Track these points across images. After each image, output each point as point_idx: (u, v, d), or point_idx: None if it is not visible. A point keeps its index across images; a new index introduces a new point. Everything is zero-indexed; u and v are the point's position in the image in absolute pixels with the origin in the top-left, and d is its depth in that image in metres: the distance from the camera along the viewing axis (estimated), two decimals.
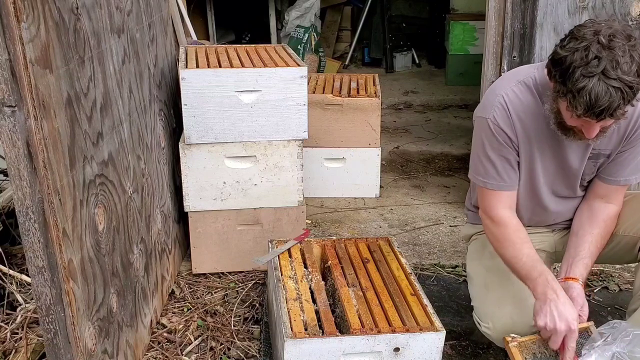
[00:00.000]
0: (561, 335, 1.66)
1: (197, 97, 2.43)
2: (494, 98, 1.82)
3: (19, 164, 1.39)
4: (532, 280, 1.74)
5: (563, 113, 1.64)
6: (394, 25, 6.27)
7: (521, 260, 1.78)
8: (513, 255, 1.81)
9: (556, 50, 1.59)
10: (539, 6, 2.82)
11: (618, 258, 2.02)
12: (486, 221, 1.90)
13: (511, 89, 1.81)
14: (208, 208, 2.61)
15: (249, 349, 2.23)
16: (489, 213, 1.88)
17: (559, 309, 1.66)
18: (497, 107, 1.80)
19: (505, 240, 1.84)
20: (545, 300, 1.68)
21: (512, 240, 1.82)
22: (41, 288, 1.49)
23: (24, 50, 1.32)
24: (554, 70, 1.59)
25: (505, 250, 1.83)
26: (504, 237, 1.84)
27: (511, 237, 1.83)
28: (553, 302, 1.67)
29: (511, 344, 1.72)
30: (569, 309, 1.67)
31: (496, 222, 1.86)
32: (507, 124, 1.80)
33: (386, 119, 4.83)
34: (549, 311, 1.66)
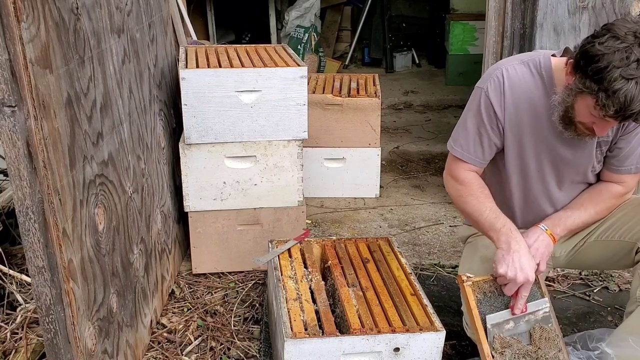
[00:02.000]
0: (518, 284, 1.75)
1: (197, 97, 2.43)
2: (493, 70, 1.83)
3: (19, 164, 1.39)
4: (495, 231, 1.79)
5: (579, 108, 1.63)
6: (394, 25, 6.27)
7: (485, 213, 1.83)
8: (476, 209, 1.85)
9: (592, 45, 1.54)
10: (539, 6, 2.82)
11: (615, 263, 2.02)
12: (450, 181, 1.95)
13: (513, 66, 1.81)
14: (208, 208, 2.61)
15: (249, 349, 2.23)
16: (452, 174, 1.93)
17: (521, 260, 1.74)
18: (494, 79, 1.81)
19: (469, 196, 1.88)
20: (508, 250, 1.75)
21: (475, 195, 1.87)
22: (41, 288, 1.49)
23: (24, 50, 1.32)
24: (585, 64, 1.56)
25: (468, 204, 1.88)
26: (467, 192, 1.88)
27: (474, 192, 1.87)
28: (516, 253, 1.74)
29: (466, 283, 1.81)
30: (529, 261, 1.75)
31: (459, 181, 1.91)
32: (497, 98, 1.80)
33: (386, 119, 4.83)
34: (511, 261, 1.74)
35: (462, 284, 1.82)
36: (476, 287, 1.82)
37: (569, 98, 1.65)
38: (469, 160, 1.89)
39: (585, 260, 2.05)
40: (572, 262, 2.08)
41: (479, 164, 1.90)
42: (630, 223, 1.92)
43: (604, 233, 1.96)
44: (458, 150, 1.90)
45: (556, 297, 2.55)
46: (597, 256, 2.01)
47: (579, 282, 2.66)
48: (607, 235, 1.96)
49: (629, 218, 1.93)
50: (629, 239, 1.91)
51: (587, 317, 2.43)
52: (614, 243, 1.95)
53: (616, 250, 1.95)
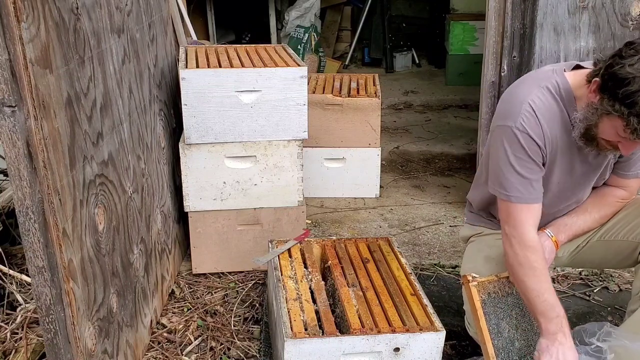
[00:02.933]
0: None
1: (197, 97, 2.43)
2: (519, 105, 1.72)
3: (19, 164, 1.39)
4: (547, 319, 1.72)
5: (604, 127, 1.61)
6: (394, 25, 6.27)
7: (543, 296, 1.73)
8: (536, 288, 1.74)
9: (621, 67, 1.52)
10: (539, 6, 2.82)
11: (617, 263, 2.03)
12: (511, 241, 1.78)
13: (537, 95, 1.72)
14: (208, 208, 2.61)
15: (249, 349, 2.23)
16: (516, 232, 1.76)
17: (565, 354, 1.70)
18: (526, 114, 1.70)
19: (531, 269, 1.74)
20: (554, 341, 1.71)
21: (539, 270, 1.75)
22: (41, 288, 1.49)
23: (24, 50, 1.32)
24: (614, 86, 1.53)
25: (529, 280, 1.75)
26: (529, 264, 1.75)
27: (538, 266, 1.75)
28: (561, 346, 1.70)
29: (471, 284, 1.79)
30: (573, 355, 1.71)
31: (524, 244, 1.75)
32: (537, 133, 1.71)
33: (386, 119, 4.83)
34: (555, 353, 1.70)
35: (467, 284, 1.81)
36: (481, 287, 1.82)
37: (593, 117, 1.62)
38: (532, 202, 1.76)
39: (588, 259, 2.06)
40: (575, 261, 2.09)
41: (541, 200, 1.79)
42: (633, 223, 1.92)
43: (607, 233, 1.97)
44: (519, 196, 1.75)
45: None
46: (600, 255, 2.01)
47: (579, 282, 2.66)
48: (609, 235, 1.96)
49: (632, 218, 1.93)
50: (632, 238, 1.92)
51: (587, 317, 2.43)
52: (617, 243, 1.95)
53: (619, 249, 1.96)
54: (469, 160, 4.03)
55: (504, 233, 1.82)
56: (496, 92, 2.99)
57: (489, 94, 3.01)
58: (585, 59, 2.88)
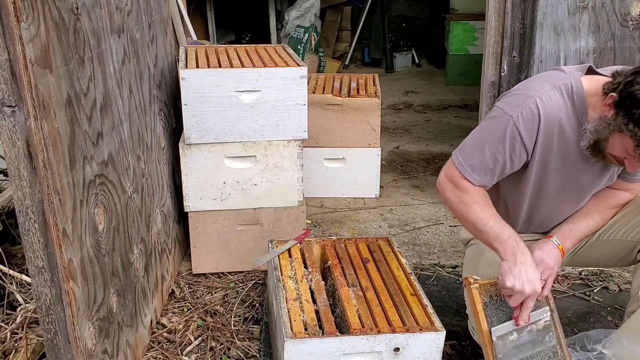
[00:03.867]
0: (524, 296, 1.73)
1: (197, 97, 2.43)
2: (524, 98, 1.72)
3: (19, 164, 1.39)
4: (501, 242, 1.76)
5: (614, 143, 1.61)
6: (394, 25, 6.27)
7: (489, 222, 1.78)
8: (480, 217, 1.79)
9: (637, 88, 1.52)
10: (539, 6, 2.82)
11: (616, 262, 2.03)
12: (449, 186, 1.85)
13: (547, 94, 1.71)
14: (208, 208, 2.61)
15: (249, 349, 2.23)
16: (453, 180, 1.83)
17: (527, 272, 1.72)
18: (526, 109, 1.70)
19: (472, 203, 1.80)
20: (514, 261, 1.73)
21: (479, 203, 1.80)
22: (41, 288, 1.49)
23: (24, 50, 1.32)
24: (631, 107, 1.52)
25: (471, 212, 1.80)
26: (470, 199, 1.80)
27: (478, 199, 1.80)
28: (523, 265, 1.72)
29: (473, 286, 1.80)
30: (535, 272, 1.74)
31: (461, 188, 1.82)
32: (529, 131, 1.71)
33: (386, 119, 4.83)
34: (518, 273, 1.72)
35: (469, 287, 1.80)
36: (483, 289, 1.81)
37: (604, 130, 1.62)
38: (474, 182, 1.80)
39: (587, 258, 2.06)
40: (574, 260, 2.09)
41: (482, 186, 1.83)
42: (632, 222, 1.93)
43: (606, 232, 1.97)
44: (467, 170, 1.80)
45: (556, 297, 2.54)
46: (599, 255, 2.01)
47: (579, 282, 2.66)
48: (609, 234, 1.97)
49: (631, 217, 1.93)
50: (631, 237, 1.92)
51: (587, 317, 2.43)
52: (616, 242, 1.95)
53: (618, 249, 1.96)
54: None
55: (439, 180, 1.89)
56: (496, 92, 2.99)
57: (489, 94, 3.01)
58: (585, 59, 2.88)
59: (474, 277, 1.82)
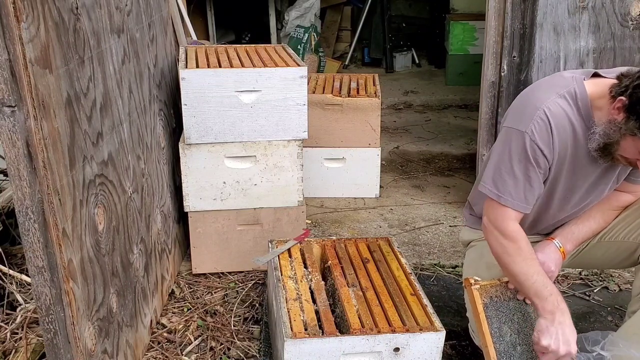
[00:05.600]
0: (558, 356, 1.71)
1: (197, 97, 2.43)
2: (533, 111, 1.70)
3: (19, 164, 1.39)
4: (541, 299, 1.73)
5: (626, 146, 1.61)
6: (394, 25, 6.27)
7: (532, 277, 1.74)
8: (524, 272, 1.75)
9: None
10: (539, 6, 2.82)
11: (617, 263, 2.03)
12: (494, 233, 1.80)
13: (554, 102, 1.70)
14: (208, 208, 2.61)
15: (249, 349, 2.23)
16: (498, 226, 1.78)
17: (565, 333, 1.70)
18: (538, 121, 1.68)
19: (517, 255, 1.76)
20: (552, 320, 1.71)
21: (524, 256, 1.76)
22: (41, 288, 1.49)
23: (23, 50, 1.32)
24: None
25: (516, 265, 1.76)
26: (515, 251, 1.76)
27: (523, 252, 1.76)
28: (560, 325, 1.70)
29: (473, 287, 1.80)
30: (572, 334, 1.71)
31: (506, 236, 1.77)
32: (546, 142, 1.70)
33: (386, 119, 4.83)
34: (555, 333, 1.70)
35: (469, 287, 1.80)
36: (483, 291, 1.81)
37: (614, 134, 1.61)
38: (520, 209, 1.76)
39: (589, 260, 2.06)
40: (575, 262, 2.09)
41: (529, 210, 1.80)
42: (634, 224, 1.92)
43: (608, 234, 1.97)
44: (508, 199, 1.75)
45: None
46: (600, 256, 2.01)
47: (579, 282, 2.66)
48: (610, 235, 1.96)
49: (633, 219, 1.93)
50: (633, 239, 1.92)
51: (587, 317, 2.43)
52: (618, 243, 1.95)
53: (620, 250, 1.96)
54: (469, 160, 4.03)
55: (484, 224, 1.84)
56: (496, 92, 2.99)
57: (489, 94, 3.01)
58: (585, 59, 2.88)
59: (474, 278, 1.81)
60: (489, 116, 3.04)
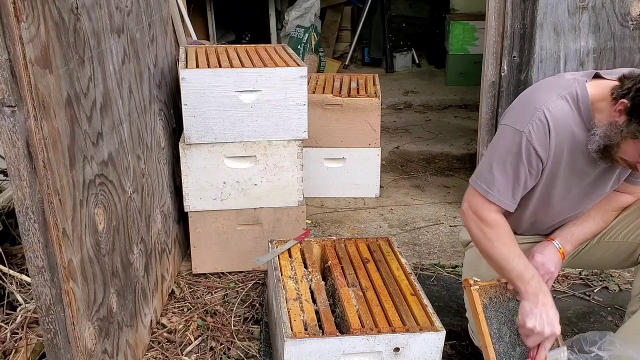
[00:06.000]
0: (543, 338, 1.73)
1: (197, 97, 2.43)
2: (532, 111, 1.70)
3: (19, 164, 1.39)
4: (524, 282, 1.75)
5: (627, 149, 1.61)
6: (394, 25, 6.27)
7: (513, 261, 1.76)
8: (504, 256, 1.77)
9: None
10: (539, 6, 2.82)
11: (617, 263, 2.03)
12: (474, 219, 1.82)
13: (553, 103, 1.70)
14: (208, 208, 2.61)
15: (249, 349, 2.23)
16: (479, 214, 1.80)
17: (549, 313, 1.72)
18: (537, 122, 1.68)
19: (497, 240, 1.78)
20: (536, 302, 1.72)
21: (504, 241, 1.78)
22: (41, 288, 1.49)
23: (23, 50, 1.32)
24: None
25: (496, 250, 1.79)
26: (496, 236, 1.78)
27: (503, 237, 1.79)
28: (544, 307, 1.72)
29: (473, 288, 1.80)
30: (556, 314, 1.74)
31: (486, 223, 1.79)
32: (542, 144, 1.70)
33: (386, 119, 4.83)
34: (539, 314, 1.71)
35: (468, 288, 1.80)
36: (482, 291, 1.81)
37: (615, 137, 1.61)
38: (504, 206, 1.78)
39: (588, 260, 2.06)
40: (575, 262, 2.09)
41: (513, 209, 1.80)
42: (634, 224, 1.92)
43: (607, 234, 1.97)
44: (495, 195, 1.76)
45: (556, 297, 2.54)
46: (600, 256, 2.01)
47: (579, 282, 2.66)
48: (610, 236, 1.96)
49: (633, 219, 1.93)
50: (632, 239, 1.92)
51: (587, 317, 2.43)
52: (617, 244, 1.95)
53: (619, 250, 1.96)
54: (469, 160, 4.03)
55: (462, 210, 1.86)
56: (496, 92, 2.99)
57: (489, 94, 3.01)
58: (585, 59, 2.88)
59: (473, 278, 1.81)
60: (489, 116, 3.04)
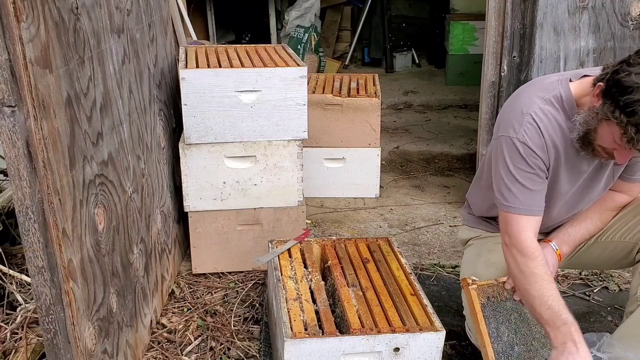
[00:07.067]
0: None
1: (197, 97, 2.43)
2: (520, 117, 1.71)
3: (19, 164, 1.39)
4: (554, 328, 1.68)
5: (602, 133, 1.60)
6: (394, 25, 6.27)
7: (546, 303, 1.70)
8: (539, 295, 1.71)
9: (627, 74, 1.50)
10: (539, 6, 2.82)
11: (614, 263, 2.03)
12: (512, 251, 1.77)
13: (539, 107, 1.71)
14: (208, 208, 2.61)
15: (249, 349, 2.23)
16: (515, 241, 1.75)
17: None
18: (528, 126, 1.70)
19: (533, 276, 1.72)
20: (563, 351, 1.66)
21: (540, 276, 1.72)
22: (41, 288, 1.49)
23: (23, 50, 1.32)
24: (617, 93, 1.51)
25: (531, 286, 1.73)
26: (531, 271, 1.73)
27: (539, 272, 1.73)
28: (570, 356, 1.65)
29: (471, 287, 1.80)
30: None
31: (523, 253, 1.74)
32: (539, 145, 1.71)
33: (386, 119, 4.83)
34: None
35: (466, 287, 1.81)
36: (480, 291, 1.82)
37: (592, 121, 1.61)
38: (533, 213, 1.75)
39: (586, 260, 2.06)
40: (572, 262, 2.09)
41: (542, 213, 1.77)
42: (630, 224, 1.93)
43: (604, 234, 1.97)
44: (519, 207, 1.74)
45: None
46: (597, 257, 2.01)
47: (579, 282, 2.66)
48: (607, 236, 1.97)
49: (629, 219, 1.93)
50: (629, 239, 1.92)
51: (587, 317, 2.43)
52: (614, 243, 1.95)
53: (616, 250, 1.96)
54: (469, 160, 4.03)
55: (503, 243, 1.81)
56: (496, 92, 2.99)
57: (489, 94, 3.01)
58: (585, 59, 2.88)
59: (472, 278, 1.81)
60: (489, 116, 3.04)
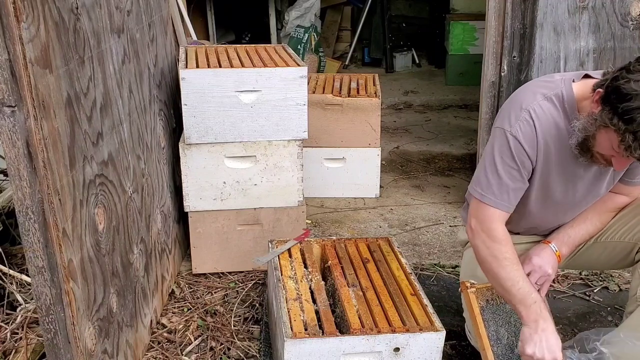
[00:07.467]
0: None
1: (197, 97, 2.43)
2: (519, 112, 1.72)
3: (19, 164, 1.39)
4: (525, 307, 1.72)
5: (600, 140, 1.60)
6: (394, 25, 6.27)
7: (518, 284, 1.73)
8: (510, 277, 1.74)
9: (627, 81, 1.49)
10: (539, 6, 2.82)
11: (614, 264, 2.03)
12: (480, 235, 1.79)
13: (539, 104, 1.71)
14: (208, 208, 2.61)
15: (249, 349, 2.23)
16: (485, 227, 1.78)
17: (549, 340, 1.69)
18: (523, 122, 1.71)
19: (505, 260, 1.75)
20: (536, 329, 1.70)
21: (511, 260, 1.75)
22: (41, 288, 1.49)
23: (23, 50, 1.32)
24: (616, 100, 1.50)
25: (502, 269, 1.75)
26: (503, 256, 1.76)
27: (510, 257, 1.76)
28: (544, 333, 1.69)
29: (469, 290, 1.80)
30: (557, 340, 1.71)
31: (495, 240, 1.77)
32: (530, 143, 1.71)
33: (386, 119, 4.83)
34: (539, 341, 1.69)
35: (465, 291, 1.81)
36: (479, 294, 1.82)
37: (591, 127, 1.60)
38: (503, 208, 1.77)
39: (585, 261, 2.06)
40: (572, 263, 2.09)
41: (511, 210, 1.80)
42: (630, 224, 1.93)
43: (604, 234, 1.97)
44: (491, 198, 1.76)
45: (556, 297, 2.55)
46: (597, 257, 2.01)
47: (579, 282, 2.66)
48: (606, 236, 1.97)
49: (629, 219, 1.93)
50: (629, 239, 1.92)
51: (587, 317, 2.43)
52: (614, 244, 1.95)
53: (616, 250, 1.96)
54: (469, 160, 4.03)
55: (469, 227, 1.83)
56: (496, 92, 2.99)
57: (489, 94, 3.01)
58: (585, 59, 2.88)
59: (470, 281, 1.81)
60: (489, 116, 3.04)
